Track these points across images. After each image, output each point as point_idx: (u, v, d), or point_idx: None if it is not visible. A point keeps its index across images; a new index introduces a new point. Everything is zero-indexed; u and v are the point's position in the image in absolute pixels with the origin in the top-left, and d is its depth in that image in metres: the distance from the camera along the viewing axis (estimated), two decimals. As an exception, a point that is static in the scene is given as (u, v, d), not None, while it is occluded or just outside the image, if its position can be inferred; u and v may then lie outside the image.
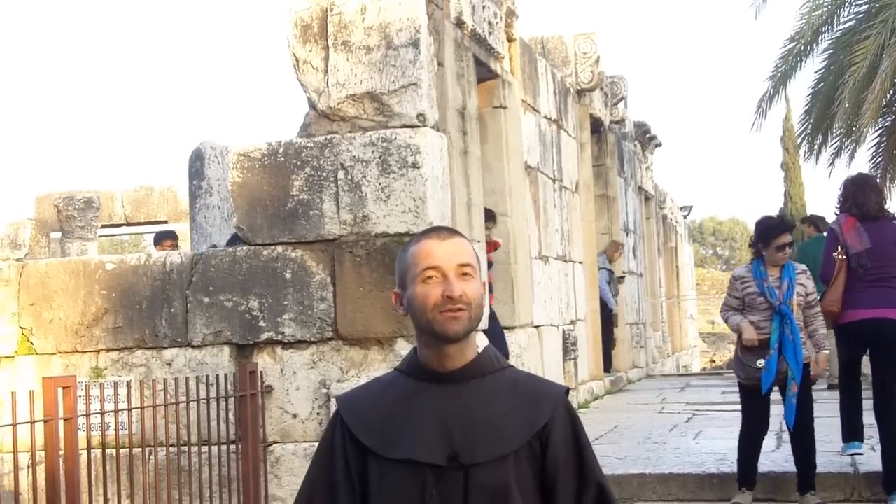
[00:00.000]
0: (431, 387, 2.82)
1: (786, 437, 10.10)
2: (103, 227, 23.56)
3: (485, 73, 11.51)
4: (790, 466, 8.42)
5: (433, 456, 2.74)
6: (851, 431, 8.58)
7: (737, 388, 8.65)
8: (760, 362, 7.99)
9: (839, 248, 8.43)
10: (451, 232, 2.90)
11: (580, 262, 16.31)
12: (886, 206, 8.66)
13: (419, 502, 2.74)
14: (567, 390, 2.93)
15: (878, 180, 9.21)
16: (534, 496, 2.78)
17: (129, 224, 25.37)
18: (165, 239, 14.31)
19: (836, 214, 8.78)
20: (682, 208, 35.49)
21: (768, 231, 8.19)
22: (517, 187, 12.36)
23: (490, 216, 11.46)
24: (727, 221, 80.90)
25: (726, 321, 8.51)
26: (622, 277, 19.35)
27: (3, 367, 9.44)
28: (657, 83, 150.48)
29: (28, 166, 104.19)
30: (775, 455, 9.13)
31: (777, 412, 8.41)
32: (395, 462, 2.77)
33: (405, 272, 2.87)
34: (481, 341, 2.89)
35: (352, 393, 3.00)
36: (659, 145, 26.22)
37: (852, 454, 8.65)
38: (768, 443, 9.79)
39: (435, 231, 2.90)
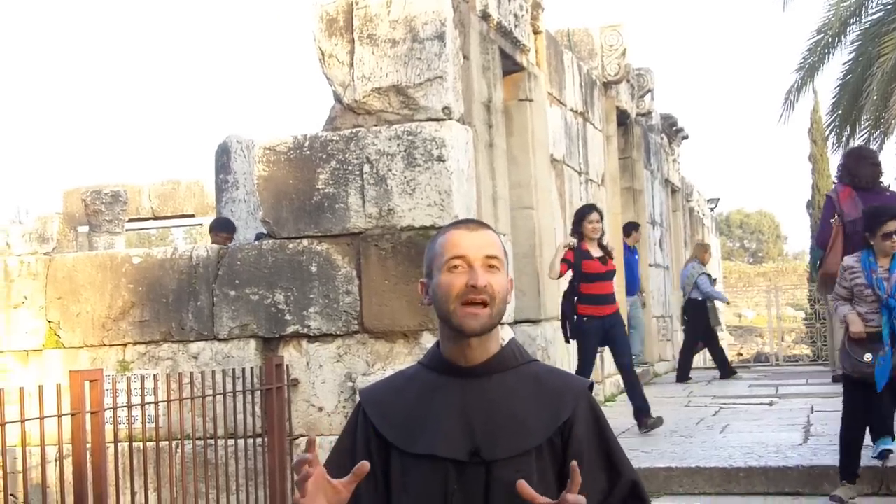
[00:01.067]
0: (453, 381, 2.80)
1: (814, 430, 10.07)
2: (130, 220, 23.65)
3: (510, 66, 11.48)
4: (818, 460, 8.38)
5: (455, 451, 2.73)
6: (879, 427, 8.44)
7: (763, 382, 8.62)
8: (868, 356, 7.74)
9: (836, 214, 8.94)
10: (481, 224, 2.88)
11: (607, 255, 16.25)
12: (881, 179, 9.15)
13: (441, 498, 2.72)
14: (591, 385, 2.91)
15: (876, 154, 9.44)
16: (555, 492, 2.73)
17: (155, 218, 25.43)
18: (222, 230, 12.81)
19: (834, 184, 9.41)
20: (708, 201, 35.33)
21: (873, 218, 7.93)
22: (543, 180, 12.33)
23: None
24: (754, 214, 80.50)
25: (835, 310, 8.34)
26: (715, 279, 19.22)
27: (30, 360, 9.49)
28: (684, 75, 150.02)
29: (56, 161, 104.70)
30: (802, 449, 9.08)
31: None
32: (416, 457, 2.75)
33: (432, 261, 2.84)
34: (506, 334, 2.87)
35: (375, 386, 2.98)
36: (686, 137, 26.12)
37: (883, 450, 8.38)
38: (794, 436, 9.78)
39: (464, 222, 2.89)
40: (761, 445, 9.36)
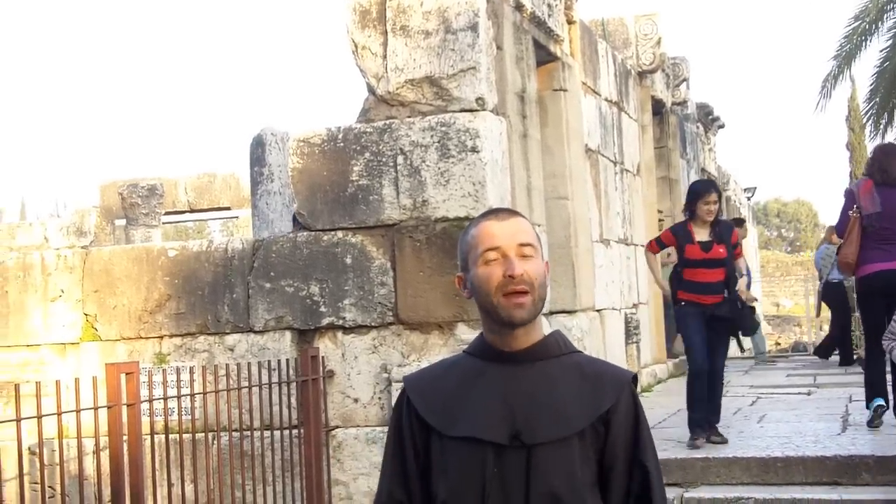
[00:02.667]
0: (496, 366, 2.80)
1: (852, 419, 10.01)
2: (167, 213, 23.78)
3: (544, 56, 11.44)
4: (855, 450, 8.33)
5: (495, 434, 2.72)
6: (874, 391, 9.41)
7: (801, 372, 8.60)
8: None
9: (854, 206, 9.29)
10: (511, 212, 2.88)
11: (642, 246, 16.19)
12: None
13: (480, 480, 2.71)
14: (635, 377, 2.90)
15: None
16: (596, 479, 2.76)
17: (192, 211, 25.55)
18: None
19: (860, 178, 9.72)
20: (745, 190, 35.15)
21: None
22: (578, 171, 12.29)
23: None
24: (792, 203, 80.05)
25: (889, 351, 8.53)
26: None
27: (68, 353, 9.56)
28: (720, 64, 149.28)
29: (93, 154, 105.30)
30: (841, 438, 9.02)
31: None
32: (456, 440, 2.75)
33: (467, 254, 2.85)
34: (546, 327, 2.87)
35: (417, 374, 2.99)
36: (722, 127, 25.98)
37: (877, 407, 9.29)
38: (832, 426, 9.73)
39: (494, 212, 2.89)
40: (799, 435, 9.31)
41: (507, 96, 9.54)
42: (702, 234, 9.34)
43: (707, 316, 9.25)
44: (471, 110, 8.65)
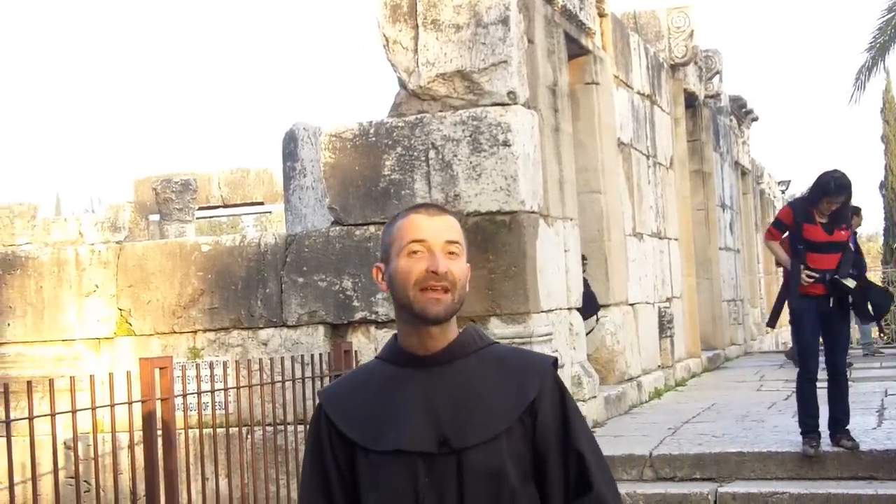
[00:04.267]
0: (414, 372, 2.70)
1: (888, 413, 9.94)
2: (200, 209, 23.86)
3: (576, 50, 11.42)
4: (891, 444, 8.27)
5: (422, 443, 2.63)
6: None
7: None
8: None
9: None
10: (441, 209, 2.77)
11: (675, 239, 16.14)
12: None
13: (412, 494, 2.62)
14: (555, 361, 2.78)
15: None
16: (530, 472, 2.67)
17: (225, 206, 25.64)
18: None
19: None
20: (779, 183, 34.95)
21: None
22: (610, 164, 12.26)
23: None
24: (827, 195, 79.44)
25: None
26: None
27: (102, 348, 9.61)
28: (753, 56, 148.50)
29: (127, 150, 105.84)
30: (876, 433, 8.96)
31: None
32: (382, 454, 2.65)
33: (389, 245, 2.72)
34: (575, 320, 2.83)
35: (333, 386, 2.88)
36: (755, 119, 25.84)
37: None
38: (868, 420, 9.65)
39: (424, 206, 2.77)
40: (836, 430, 9.24)
41: (539, 90, 9.52)
42: (821, 217, 8.52)
43: (822, 312, 8.54)
44: (502, 104, 8.64)
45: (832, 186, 8.35)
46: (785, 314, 9.31)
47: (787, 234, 8.79)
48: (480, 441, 2.62)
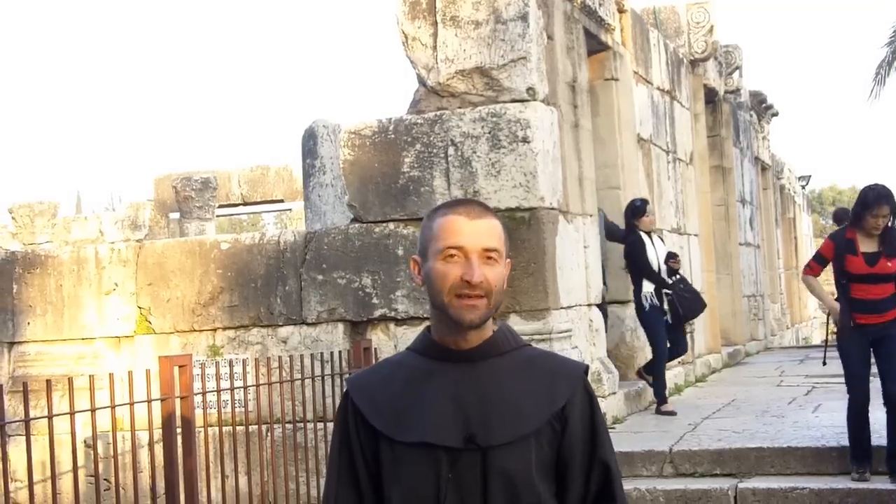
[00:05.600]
0: (445, 366, 2.68)
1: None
2: (220, 206, 23.91)
3: (595, 46, 11.38)
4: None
5: (448, 438, 2.60)
6: None
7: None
8: None
9: None
10: (483, 210, 2.71)
11: (695, 235, 16.10)
12: None
13: (434, 487, 2.60)
14: (586, 369, 2.79)
15: None
16: (552, 477, 2.66)
17: (245, 204, 25.68)
18: None
19: None
20: (800, 178, 34.81)
21: None
22: (630, 160, 12.22)
23: None
24: (847, 191, 79.13)
25: None
26: None
27: (122, 346, 9.63)
28: (773, 52, 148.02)
29: (147, 148, 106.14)
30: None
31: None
32: (408, 446, 2.63)
33: (427, 243, 2.68)
34: (594, 315, 2.81)
35: (361, 375, 2.86)
36: (775, 115, 25.75)
37: None
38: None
39: (464, 206, 2.70)
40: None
41: (558, 86, 9.50)
42: (867, 245, 8.06)
43: (872, 341, 8.07)
44: (521, 101, 8.62)
45: (871, 196, 7.98)
46: None
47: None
48: (507, 441, 2.61)
